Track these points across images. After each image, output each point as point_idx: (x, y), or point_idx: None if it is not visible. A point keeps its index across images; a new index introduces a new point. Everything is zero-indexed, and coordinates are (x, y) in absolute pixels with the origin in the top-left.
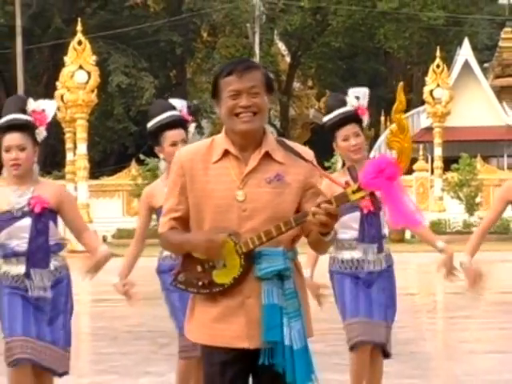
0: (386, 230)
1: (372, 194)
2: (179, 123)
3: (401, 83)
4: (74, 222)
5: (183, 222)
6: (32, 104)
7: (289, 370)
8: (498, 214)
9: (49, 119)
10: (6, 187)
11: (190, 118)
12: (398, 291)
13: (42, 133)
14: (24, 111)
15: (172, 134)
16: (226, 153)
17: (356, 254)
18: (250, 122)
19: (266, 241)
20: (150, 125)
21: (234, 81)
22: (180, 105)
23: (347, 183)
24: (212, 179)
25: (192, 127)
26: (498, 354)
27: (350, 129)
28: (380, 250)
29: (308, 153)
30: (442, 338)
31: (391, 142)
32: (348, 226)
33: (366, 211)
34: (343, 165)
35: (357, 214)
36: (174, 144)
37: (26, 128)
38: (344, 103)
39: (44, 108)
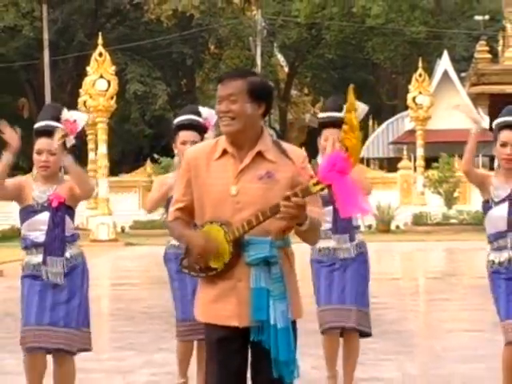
0: (357, 222)
1: (329, 187)
2: (193, 126)
3: (351, 86)
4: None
5: (187, 212)
6: (66, 114)
7: (273, 347)
8: (473, 175)
9: (79, 129)
10: (34, 183)
11: (211, 126)
12: (384, 276)
13: (71, 140)
14: (58, 119)
15: (184, 134)
16: (225, 152)
17: (331, 244)
18: (229, 126)
19: (248, 229)
20: (173, 123)
21: (219, 88)
22: (207, 113)
23: (311, 176)
24: (212, 175)
25: (210, 134)
26: (474, 333)
27: (334, 133)
28: (352, 239)
29: (298, 154)
30: (423, 318)
31: (343, 139)
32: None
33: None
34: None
35: (330, 208)
36: (183, 143)
37: None
38: (341, 108)
39: (76, 119)
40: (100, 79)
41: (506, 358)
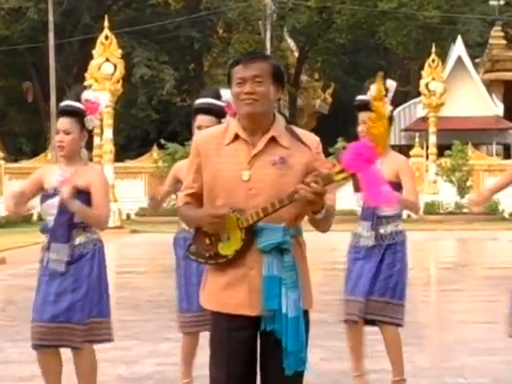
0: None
1: (353, 176)
2: (210, 111)
3: (380, 73)
4: (95, 200)
5: (197, 198)
6: (87, 93)
7: (284, 336)
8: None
9: (100, 109)
10: (57, 166)
11: (230, 110)
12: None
13: (92, 120)
14: (79, 99)
15: (200, 118)
16: (237, 137)
17: (358, 230)
18: (252, 105)
19: (263, 216)
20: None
21: (240, 70)
22: (228, 96)
23: (333, 165)
24: (223, 160)
25: (228, 119)
26: (486, 324)
27: (367, 115)
28: (373, 227)
29: (313, 140)
30: (434, 309)
31: (370, 127)
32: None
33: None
34: None
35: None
36: (198, 127)
37: (75, 114)
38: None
39: (97, 98)
40: (106, 63)
41: None
